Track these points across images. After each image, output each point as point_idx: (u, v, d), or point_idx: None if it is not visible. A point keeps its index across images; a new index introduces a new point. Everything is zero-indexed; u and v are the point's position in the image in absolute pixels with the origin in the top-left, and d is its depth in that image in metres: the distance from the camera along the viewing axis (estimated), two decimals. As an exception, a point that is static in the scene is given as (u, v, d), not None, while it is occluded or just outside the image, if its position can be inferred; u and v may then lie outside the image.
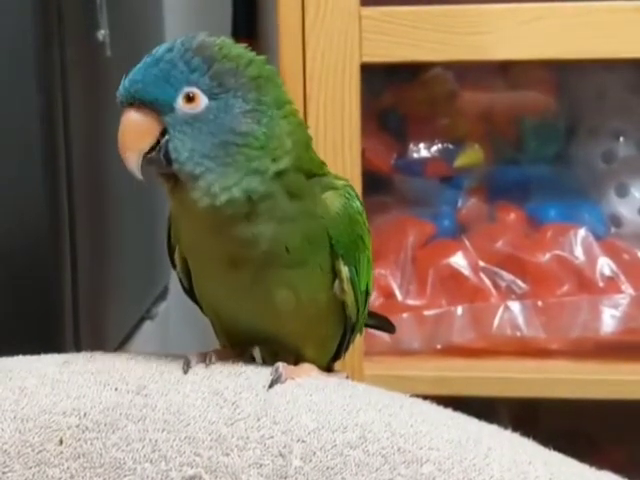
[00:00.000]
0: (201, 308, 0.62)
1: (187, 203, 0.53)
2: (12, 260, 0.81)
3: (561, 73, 1.07)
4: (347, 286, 0.58)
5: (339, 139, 0.89)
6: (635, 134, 1.05)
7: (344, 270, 0.58)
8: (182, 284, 0.62)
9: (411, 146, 1.07)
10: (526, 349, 0.96)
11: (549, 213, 1.02)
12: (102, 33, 0.92)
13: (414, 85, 1.08)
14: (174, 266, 0.61)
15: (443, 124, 1.07)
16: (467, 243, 1.00)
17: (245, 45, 0.55)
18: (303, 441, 0.52)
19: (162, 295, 1.22)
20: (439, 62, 0.99)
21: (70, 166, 0.83)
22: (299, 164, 0.55)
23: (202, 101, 0.52)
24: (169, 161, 0.53)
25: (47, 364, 0.57)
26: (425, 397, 0.60)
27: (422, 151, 1.06)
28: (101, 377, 0.56)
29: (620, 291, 0.96)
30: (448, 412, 0.57)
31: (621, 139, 1.05)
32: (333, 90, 0.88)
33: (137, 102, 0.52)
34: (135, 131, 0.53)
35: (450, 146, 1.06)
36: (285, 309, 0.57)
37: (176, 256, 0.60)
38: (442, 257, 0.99)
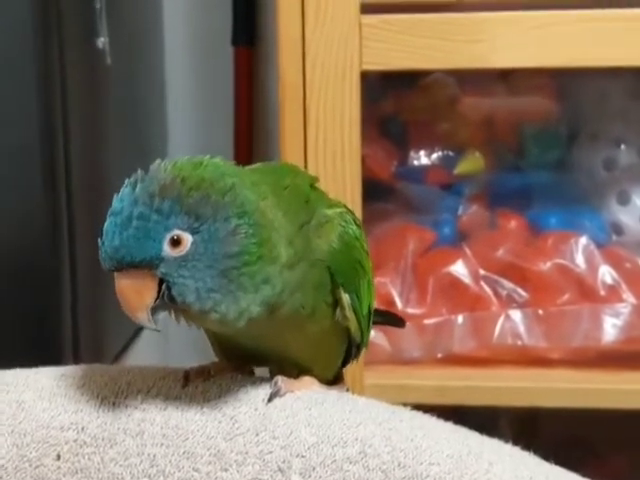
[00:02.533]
0: None
1: (207, 325, 0.54)
2: (11, 270, 0.81)
3: (562, 80, 1.06)
4: (349, 313, 0.58)
5: (339, 147, 0.88)
6: (636, 141, 1.05)
7: (345, 298, 0.57)
8: None
9: (411, 153, 1.06)
10: (527, 358, 0.96)
11: (550, 221, 1.02)
12: (102, 41, 0.92)
13: (414, 92, 1.08)
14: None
15: (444, 131, 1.07)
16: (467, 251, 1.00)
17: (198, 159, 0.53)
18: (302, 456, 0.52)
19: (162, 303, 1.22)
20: (439, 70, 0.99)
21: (69, 174, 0.83)
22: (293, 235, 0.54)
23: (187, 240, 0.51)
24: (174, 303, 0.52)
25: (45, 377, 0.57)
26: (425, 406, 0.59)
27: (422, 158, 1.06)
28: (99, 390, 0.55)
29: (621, 300, 0.96)
30: (449, 426, 0.57)
31: (622, 146, 1.05)
32: (333, 98, 0.88)
33: (126, 267, 0.51)
34: (135, 294, 0.51)
35: (451, 153, 1.06)
36: (290, 339, 0.57)
37: None
38: (442, 265, 0.99)
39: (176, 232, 0.50)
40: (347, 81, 0.88)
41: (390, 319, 0.76)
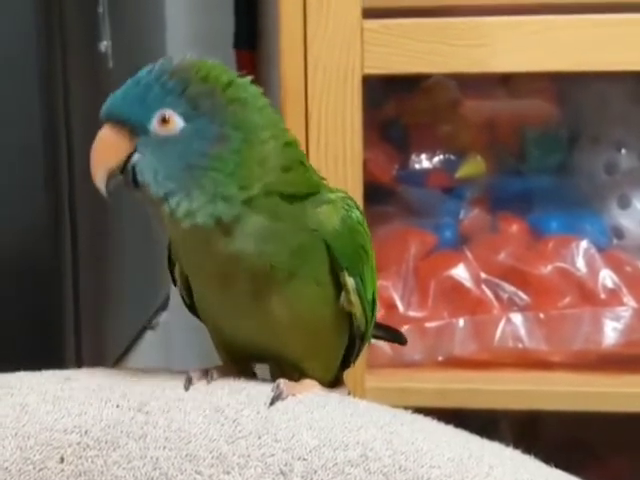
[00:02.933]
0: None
1: (161, 221, 0.54)
2: (14, 271, 0.81)
3: (563, 84, 1.07)
4: (354, 297, 0.58)
5: (341, 150, 0.89)
6: (637, 145, 1.05)
7: (349, 282, 0.57)
8: (184, 300, 0.62)
9: (413, 157, 1.07)
10: (528, 361, 0.96)
11: (551, 224, 1.02)
12: (104, 44, 0.92)
13: (416, 96, 1.08)
14: (175, 283, 0.61)
15: (445, 135, 1.07)
16: (469, 254, 1.00)
17: (228, 67, 0.54)
18: (304, 459, 0.52)
19: (163, 305, 1.22)
20: (440, 74, 0.99)
21: (72, 177, 0.84)
22: (276, 189, 0.54)
23: (177, 124, 0.52)
24: (136, 182, 0.53)
25: (48, 380, 0.57)
26: (427, 409, 0.60)
27: (424, 162, 1.06)
28: (102, 394, 0.56)
29: (622, 303, 0.96)
30: (450, 429, 0.57)
31: (623, 151, 1.05)
32: (335, 102, 0.88)
33: (114, 120, 0.53)
34: (105, 148, 0.53)
35: (452, 157, 1.06)
36: (282, 324, 0.56)
37: (176, 273, 0.60)
38: (444, 269, 0.99)
39: (169, 112, 0.52)
40: (349, 85, 0.88)
41: (391, 335, 0.76)
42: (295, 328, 0.57)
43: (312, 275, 0.56)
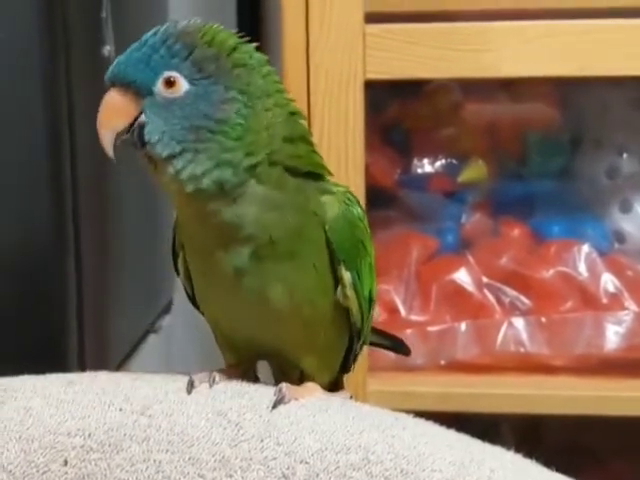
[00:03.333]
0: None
1: (163, 186, 0.54)
2: (17, 275, 0.81)
3: (565, 88, 1.07)
4: (350, 292, 0.58)
5: (343, 155, 0.89)
6: (639, 150, 1.05)
7: (346, 276, 0.57)
8: (186, 292, 0.62)
9: (415, 161, 1.07)
10: (530, 365, 0.96)
11: (553, 229, 1.02)
12: (107, 49, 0.92)
13: (418, 100, 1.08)
14: (177, 272, 0.61)
15: (447, 139, 1.07)
16: (471, 259, 1.00)
17: (237, 32, 0.55)
18: (306, 462, 0.52)
19: (166, 309, 1.22)
20: (443, 79, 1.00)
21: (75, 180, 0.84)
22: (280, 159, 0.54)
23: (182, 86, 0.52)
24: (143, 143, 0.53)
25: (52, 384, 0.57)
26: (429, 413, 0.60)
27: (426, 166, 1.07)
28: (106, 397, 0.56)
29: (624, 307, 0.97)
30: (451, 433, 0.57)
31: (625, 155, 1.05)
32: (337, 106, 0.88)
33: (119, 83, 0.53)
34: (112, 110, 0.54)
35: (454, 161, 1.07)
36: (280, 308, 0.56)
37: (179, 263, 0.60)
38: (446, 273, 1.00)
39: (174, 74, 0.52)
40: (351, 90, 0.88)
41: (396, 344, 0.76)
42: (294, 319, 0.57)
43: (311, 259, 0.56)
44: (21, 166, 0.80)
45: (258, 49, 0.56)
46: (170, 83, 0.52)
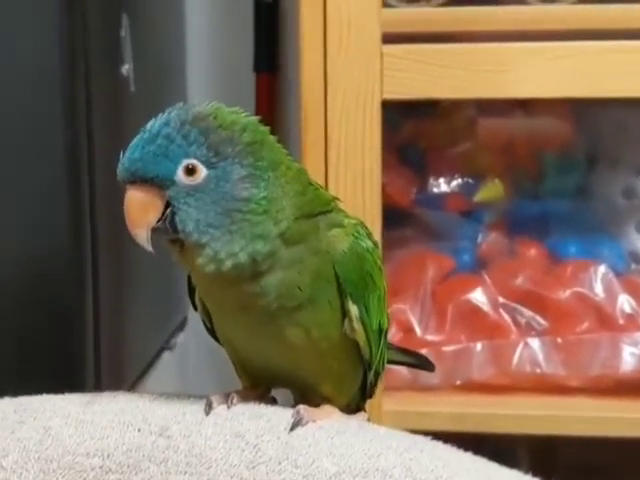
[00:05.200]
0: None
1: (194, 266, 0.55)
2: (34, 292, 0.82)
3: (581, 108, 1.07)
4: (357, 325, 0.58)
5: (360, 174, 0.89)
6: (655, 171, 1.05)
7: (353, 309, 0.58)
8: (205, 325, 0.62)
9: (431, 180, 1.07)
10: (545, 386, 0.96)
11: (569, 249, 1.02)
12: (126, 68, 0.93)
13: (434, 119, 1.08)
14: (195, 308, 0.62)
15: (463, 158, 1.07)
16: (487, 278, 1.00)
17: (238, 109, 0.56)
18: (324, 485, 0.52)
19: (181, 326, 1.23)
20: (460, 100, 1.00)
21: (93, 201, 0.84)
22: (300, 213, 0.56)
23: (202, 172, 0.53)
24: (175, 230, 0.54)
25: (71, 403, 0.57)
26: (444, 433, 0.60)
27: (442, 185, 1.07)
28: (124, 418, 0.56)
29: (640, 329, 0.96)
30: (469, 456, 0.57)
31: (641, 175, 1.05)
32: (354, 126, 0.89)
33: (139, 180, 0.53)
34: (140, 208, 0.54)
35: (470, 180, 1.07)
36: (297, 345, 0.57)
37: (197, 298, 0.61)
38: (461, 292, 1.00)
39: (193, 161, 0.53)
40: (368, 110, 0.88)
41: (420, 361, 0.76)
42: (309, 351, 0.58)
43: (326, 297, 0.57)
44: (40, 185, 0.81)
45: (274, 68, 0.56)
46: (190, 171, 0.53)
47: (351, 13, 0.87)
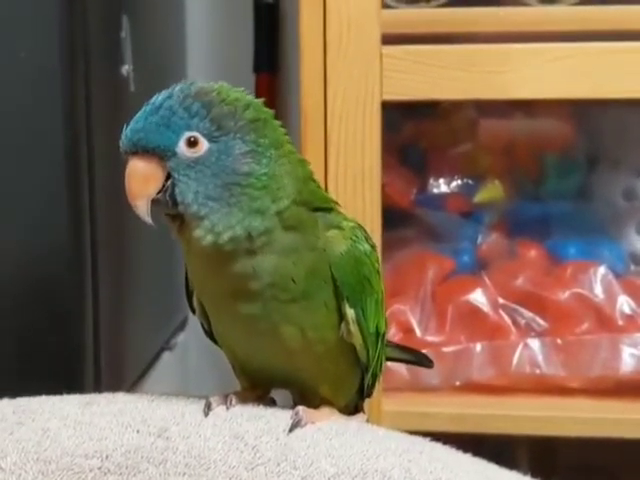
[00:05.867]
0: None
1: (192, 241, 0.55)
2: (34, 293, 0.82)
3: (582, 108, 1.07)
4: (353, 328, 0.59)
5: (359, 175, 0.89)
6: (656, 172, 1.05)
7: (350, 312, 0.58)
8: (203, 327, 0.62)
9: (431, 181, 1.07)
10: (545, 387, 0.96)
11: (569, 250, 1.02)
12: (126, 68, 0.93)
13: (434, 120, 1.08)
14: (193, 311, 0.62)
15: (463, 159, 1.07)
16: (487, 279, 1.00)
17: (242, 89, 0.56)
18: (323, 487, 0.52)
19: (181, 326, 1.23)
20: (460, 101, 1.00)
21: (93, 200, 0.84)
22: (299, 198, 0.56)
23: (203, 145, 0.54)
24: (175, 203, 0.54)
25: (70, 405, 0.57)
26: (443, 434, 0.60)
27: (442, 186, 1.07)
28: (123, 419, 0.56)
29: (640, 329, 0.96)
30: (468, 457, 0.57)
31: (642, 177, 1.05)
32: (354, 127, 0.89)
33: (140, 150, 0.54)
34: (141, 178, 0.54)
35: (470, 181, 1.07)
36: (293, 347, 0.57)
37: (194, 301, 0.61)
38: (461, 293, 0.99)
39: (195, 134, 0.54)
40: (368, 111, 0.88)
41: (419, 358, 0.77)
42: (306, 353, 0.58)
43: (322, 297, 0.57)
44: (40, 184, 0.81)
45: (273, 68, 0.57)
46: (192, 143, 0.54)
47: (351, 14, 0.87)
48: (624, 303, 0.98)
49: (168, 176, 0.54)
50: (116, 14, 0.92)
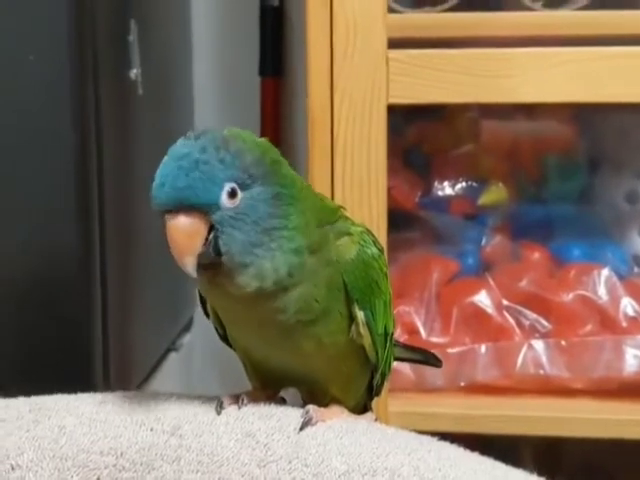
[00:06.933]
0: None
1: (230, 288, 0.55)
2: (43, 294, 0.82)
3: (585, 112, 1.07)
4: (363, 330, 0.60)
5: (365, 178, 0.90)
6: (659, 175, 1.06)
7: (359, 314, 0.59)
8: (217, 332, 0.63)
9: (435, 184, 1.08)
10: (549, 388, 0.96)
11: (573, 252, 1.03)
12: (134, 72, 0.94)
13: (438, 123, 1.09)
14: (207, 315, 0.62)
15: (467, 162, 1.08)
16: (491, 281, 1.01)
17: (249, 132, 0.57)
18: (333, 484, 0.53)
19: (187, 327, 1.24)
20: (465, 104, 1.00)
21: (102, 201, 0.85)
22: (318, 223, 0.58)
23: (239, 194, 0.54)
24: (218, 253, 0.54)
25: (85, 403, 0.58)
26: (448, 435, 0.61)
27: (446, 189, 1.07)
28: (137, 417, 0.57)
29: (643, 331, 0.97)
30: (475, 457, 0.58)
31: (644, 180, 1.06)
32: (360, 130, 0.89)
33: (185, 207, 0.54)
34: (187, 235, 0.54)
35: (474, 184, 1.07)
36: (308, 351, 0.59)
37: (209, 308, 0.62)
38: (466, 295, 1.00)
39: (234, 185, 0.54)
40: (374, 114, 0.89)
41: (427, 357, 0.77)
42: (318, 356, 0.59)
43: (337, 307, 0.59)
44: (49, 188, 0.82)
45: (279, 72, 0.57)
46: (232, 194, 0.54)
47: (357, 18, 0.88)
48: (627, 305, 0.98)
49: (209, 229, 0.54)
50: (124, 18, 0.93)
